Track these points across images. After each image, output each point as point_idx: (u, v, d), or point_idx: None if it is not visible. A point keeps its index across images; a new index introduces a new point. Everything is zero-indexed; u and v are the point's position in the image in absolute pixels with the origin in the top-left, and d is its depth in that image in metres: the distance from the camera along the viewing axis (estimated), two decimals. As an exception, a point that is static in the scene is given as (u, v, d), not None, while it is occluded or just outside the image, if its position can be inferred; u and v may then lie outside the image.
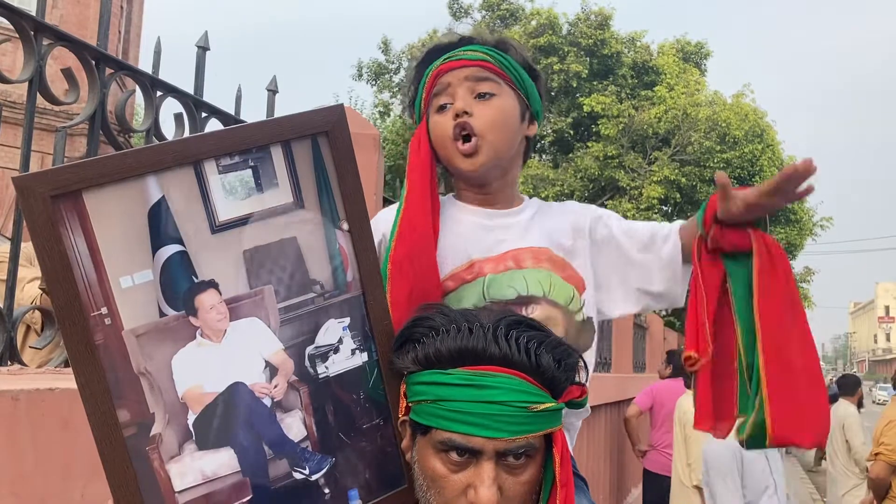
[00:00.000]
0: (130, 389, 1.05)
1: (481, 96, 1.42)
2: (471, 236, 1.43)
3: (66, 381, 1.55)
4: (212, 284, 1.10)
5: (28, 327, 2.57)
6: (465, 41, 1.47)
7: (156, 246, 1.07)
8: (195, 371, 1.08)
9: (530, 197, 1.57)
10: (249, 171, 1.12)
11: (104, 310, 1.03)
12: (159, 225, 1.07)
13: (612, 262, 1.50)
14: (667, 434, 6.77)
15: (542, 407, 1.08)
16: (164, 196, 1.07)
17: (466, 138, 1.40)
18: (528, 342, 1.10)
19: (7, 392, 1.40)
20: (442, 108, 1.43)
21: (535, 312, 1.37)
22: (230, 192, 1.11)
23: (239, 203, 1.12)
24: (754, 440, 1.24)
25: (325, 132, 1.16)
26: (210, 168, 1.09)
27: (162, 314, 1.07)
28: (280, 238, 1.14)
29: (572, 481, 1.14)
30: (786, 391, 1.22)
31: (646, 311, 1.64)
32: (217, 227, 1.10)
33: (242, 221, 1.12)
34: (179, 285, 1.08)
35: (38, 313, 2.30)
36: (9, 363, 1.69)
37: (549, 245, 1.44)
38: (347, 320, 1.19)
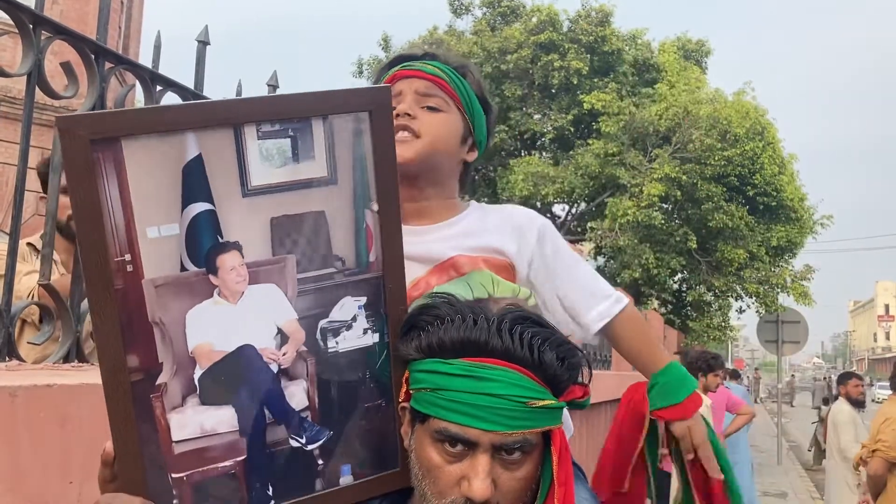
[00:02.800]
0: (142, 337, 1.07)
1: (429, 108, 1.46)
2: (411, 257, 1.41)
3: (65, 377, 1.54)
4: (235, 246, 1.11)
5: (24, 322, 2.55)
6: (427, 56, 1.52)
7: (186, 201, 1.08)
8: (208, 328, 1.10)
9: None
10: (288, 141, 1.13)
11: (127, 256, 1.05)
12: (192, 181, 1.08)
13: (536, 289, 1.53)
14: None
15: (541, 403, 1.08)
16: (200, 154, 1.08)
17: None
18: (532, 338, 1.09)
19: (5, 388, 1.39)
20: None
21: None
22: (266, 158, 1.12)
23: (273, 170, 1.13)
24: None
25: (368, 111, 1.16)
26: (250, 132, 1.10)
27: (183, 269, 1.08)
28: (309, 210, 1.15)
29: (572, 480, 1.13)
30: None
31: None
32: (248, 191, 1.12)
33: (274, 189, 1.13)
34: (204, 243, 1.09)
35: (34, 308, 2.29)
36: (7, 359, 1.68)
37: (487, 253, 1.45)
38: (364, 299, 1.20)
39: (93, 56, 1.94)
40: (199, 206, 1.09)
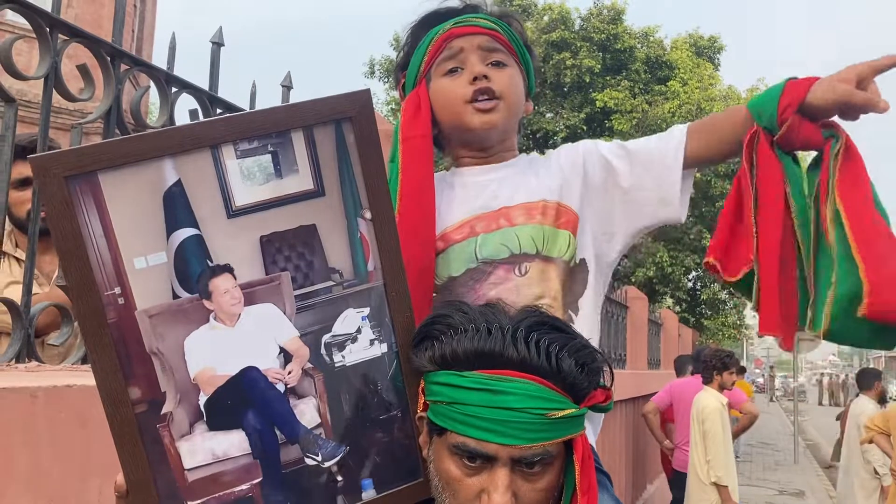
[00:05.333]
0: (142, 368, 1.05)
1: (495, 64, 1.41)
2: (463, 198, 1.42)
3: (84, 378, 1.54)
4: (227, 269, 1.09)
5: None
6: (470, 8, 1.46)
7: (171, 228, 1.06)
8: (208, 353, 1.08)
9: None
10: (268, 157, 1.11)
11: (117, 289, 1.04)
12: (175, 208, 1.06)
13: (604, 195, 1.44)
14: (686, 431, 6.79)
15: (561, 414, 1.04)
16: (179, 179, 1.06)
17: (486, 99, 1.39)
18: (550, 345, 1.05)
19: (25, 389, 1.39)
20: (452, 72, 1.41)
21: (530, 272, 1.36)
22: (248, 177, 1.10)
23: (257, 188, 1.10)
24: (839, 321, 1.16)
25: (349, 118, 1.13)
26: (228, 152, 1.08)
27: (175, 296, 1.07)
28: (299, 224, 1.13)
29: (595, 488, 1.10)
30: (879, 258, 1.13)
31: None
32: (234, 212, 1.10)
33: (260, 207, 1.11)
34: (194, 268, 1.08)
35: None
36: (26, 360, 1.69)
37: (542, 195, 1.40)
38: (367, 310, 1.17)
39: (108, 58, 1.95)
40: (185, 232, 1.07)
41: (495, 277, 1.36)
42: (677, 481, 6.98)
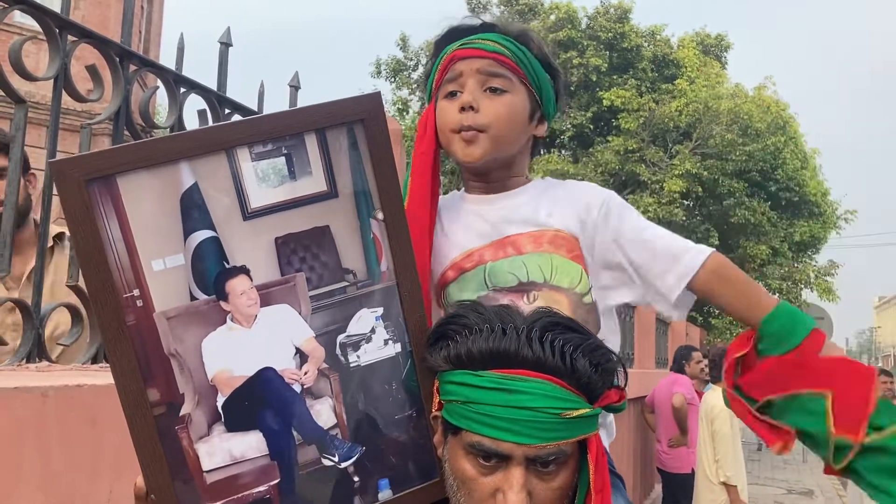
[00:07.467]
0: (160, 370, 1.07)
1: (492, 90, 1.38)
2: (471, 226, 1.41)
3: (94, 377, 1.55)
4: (243, 270, 1.10)
5: None
6: (486, 27, 1.43)
7: (188, 231, 1.08)
8: (225, 354, 1.09)
9: None
10: (283, 159, 1.12)
11: (136, 292, 1.05)
12: (191, 210, 1.08)
13: (613, 265, 1.42)
14: (664, 429, 7.03)
15: (576, 413, 1.05)
16: (196, 182, 1.07)
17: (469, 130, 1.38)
18: (564, 345, 1.06)
19: (36, 388, 1.40)
20: (451, 95, 1.40)
21: (538, 300, 1.34)
22: (263, 179, 1.11)
23: (272, 190, 1.12)
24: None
25: (360, 120, 1.14)
26: (243, 155, 1.10)
27: (193, 298, 1.08)
28: (313, 226, 1.14)
29: (608, 487, 1.10)
30: None
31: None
32: (249, 214, 1.11)
33: (275, 209, 1.12)
34: (210, 270, 1.09)
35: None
36: (37, 360, 1.70)
37: (552, 225, 1.38)
38: (380, 310, 1.18)
39: (118, 59, 1.95)
40: (202, 234, 1.08)
41: None
42: (663, 480, 7.09)
